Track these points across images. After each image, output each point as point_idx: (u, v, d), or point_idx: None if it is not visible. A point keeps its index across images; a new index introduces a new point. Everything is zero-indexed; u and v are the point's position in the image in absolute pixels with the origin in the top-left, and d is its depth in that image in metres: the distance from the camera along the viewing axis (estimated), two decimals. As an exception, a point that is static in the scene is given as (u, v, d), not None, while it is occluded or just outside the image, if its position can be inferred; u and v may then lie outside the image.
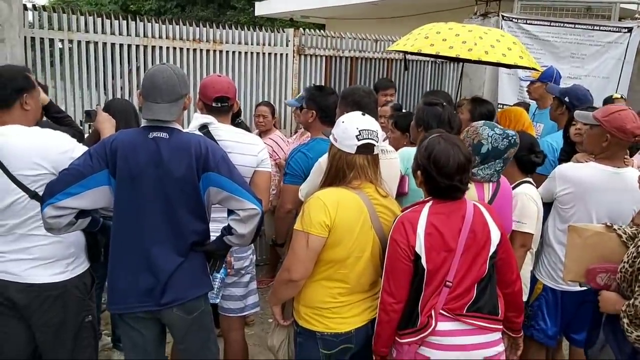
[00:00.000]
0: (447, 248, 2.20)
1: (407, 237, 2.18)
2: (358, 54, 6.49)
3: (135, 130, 2.46)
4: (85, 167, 2.26)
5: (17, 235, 2.42)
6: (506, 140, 2.69)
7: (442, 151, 2.21)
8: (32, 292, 2.43)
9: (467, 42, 4.06)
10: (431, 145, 2.25)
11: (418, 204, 2.29)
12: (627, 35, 6.13)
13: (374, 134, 2.30)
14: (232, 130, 3.00)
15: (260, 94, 5.82)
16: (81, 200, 2.24)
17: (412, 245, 2.17)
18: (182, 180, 2.30)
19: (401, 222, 2.22)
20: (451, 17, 5.42)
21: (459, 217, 2.23)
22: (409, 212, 2.26)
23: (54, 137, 2.49)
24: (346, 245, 2.26)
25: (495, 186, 2.75)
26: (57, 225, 2.26)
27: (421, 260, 2.18)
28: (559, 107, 4.00)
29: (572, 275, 2.54)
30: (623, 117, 2.82)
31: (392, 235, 2.22)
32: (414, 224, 2.19)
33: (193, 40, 5.33)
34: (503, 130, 2.73)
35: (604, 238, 2.44)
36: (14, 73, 2.53)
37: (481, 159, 2.70)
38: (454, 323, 2.21)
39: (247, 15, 16.36)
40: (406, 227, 2.20)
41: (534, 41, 6.38)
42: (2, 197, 2.38)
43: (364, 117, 2.35)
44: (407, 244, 2.18)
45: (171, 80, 2.33)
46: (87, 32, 4.78)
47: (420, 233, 2.18)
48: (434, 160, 2.20)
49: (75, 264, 2.54)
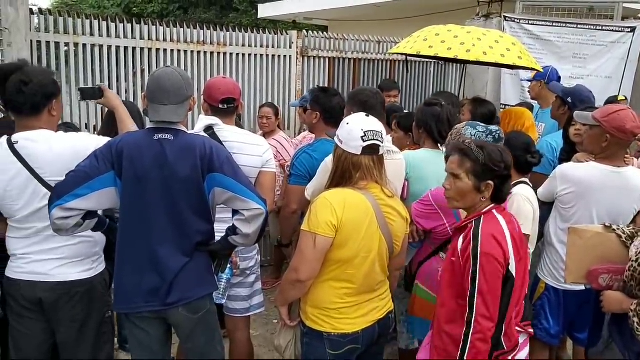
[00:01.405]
0: (524, 259, 2.20)
1: (503, 252, 2.10)
2: (361, 55, 6.52)
3: (140, 132, 2.50)
4: (92, 168, 2.28)
5: (43, 237, 2.47)
6: (490, 137, 2.70)
7: (505, 152, 2.25)
8: (61, 290, 2.50)
9: (465, 43, 4.13)
10: (495, 150, 2.22)
11: (483, 212, 2.21)
12: (630, 35, 6.13)
13: (378, 135, 2.31)
14: (237, 131, 3.03)
15: (264, 95, 5.85)
16: (88, 202, 2.27)
17: (508, 258, 2.11)
18: (187, 181, 2.32)
19: (492, 235, 2.11)
20: (453, 18, 5.45)
21: (515, 224, 2.24)
22: (487, 224, 2.16)
23: (81, 140, 2.53)
24: (353, 246, 2.27)
25: None
26: (64, 227, 2.29)
27: (510, 271, 2.12)
28: (561, 107, 4.02)
29: (574, 277, 2.56)
30: (622, 117, 2.83)
31: (487, 251, 2.08)
32: (503, 236, 2.12)
33: (197, 42, 5.37)
34: (485, 127, 2.74)
35: (603, 239, 2.46)
36: (44, 79, 2.52)
37: None
38: (523, 335, 2.28)
39: (249, 18, 16.38)
40: (500, 241, 2.10)
41: (536, 42, 6.38)
42: (32, 201, 2.43)
43: (367, 118, 2.37)
44: (504, 258, 2.09)
45: (177, 82, 2.37)
46: (92, 35, 4.82)
47: (510, 243, 2.12)
48: (506, 159, 2.21)
49: (99, 261, 2.63)
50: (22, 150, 2.42)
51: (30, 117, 2.48)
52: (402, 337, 3.37)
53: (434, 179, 3.07)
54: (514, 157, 3.04)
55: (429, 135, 3.16)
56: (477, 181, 2.18)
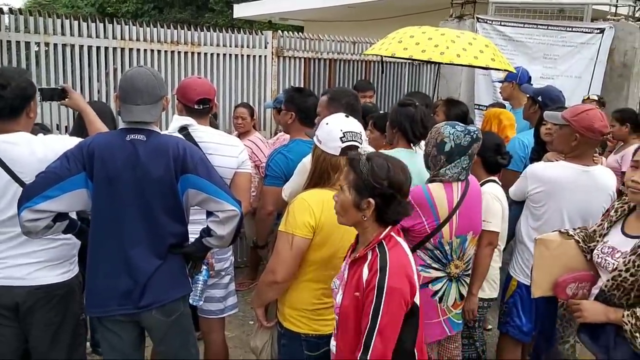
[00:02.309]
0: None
1: (411, 285, 1.89)
2: (336, 55, 6.54)
3: (112, 132, 2.47)
4: (62, 170, 2.24)
5: (22, 240, 2.42)
6: (468, 136, 2.73)
7: (397, 168, 1.92)
8: (38, 294, 2.46)
9: (439, 45, 4.20)
10: (381, 165, 1.90)
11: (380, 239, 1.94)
12: (599, 36, 6.26)
13: (357, 136, 2.31)
14: (212, 132, 3.01)
15: (239, 96, 5.83)
16: (58, 204, 2.23)
17: (415, 290, 1.91)
18: (160, 183, 2.30)
19: (400, 267, 1.87)
20: (428, 19, 5.50)
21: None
22: (394, 253, 1.91)
23: (64, 144, 2.46)
24: (331, 247, 2.27)
25: (464, 185, 2.79)
26: (34, 229, 2.25)
27: (416, 304, 1.93)
28: (532, 107, 4.10)
29: (542, 291, 2.53)
30: (591, 117, 2.89)
31: (394, 285, 1.83)
32: (409, 267, 1.92)
33: (171, 42, 5.33)
34: (464, 127, 2.78)
35: (566, 247, 2.47)
36: (22, 81, 2.47)
37: (446, 157, 2.73)
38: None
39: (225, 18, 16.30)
40: (408, 273, 1.89)
41: (508, 42, 6.48)
42: (12, 205, 2.35)
43: (347, 119, 2.37)
44: (411, 293, 1.88)
45: (150, 81, 2.35)
46: (64, 34, 4.76)
47: (415, 275, 1.94)
48: (393, 180, 1.89)
49: (75, 263, 2.61)
50: (2, 153, 2.37)
51: (10, 120, 2.43)
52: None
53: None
54: (485, 157, 3.11)
55: (403, 135, 3.19)
56: (358, 197, 1.91)
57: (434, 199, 2.72)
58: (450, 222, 2.73)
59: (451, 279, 2.85)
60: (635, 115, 4.91)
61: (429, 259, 2.79)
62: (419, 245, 2.79)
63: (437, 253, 2.78)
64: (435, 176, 2.78)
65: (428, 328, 2.82)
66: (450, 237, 2.76)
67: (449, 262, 2.81)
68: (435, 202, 2.71)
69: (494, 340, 3.63)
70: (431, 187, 2.75)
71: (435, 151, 2.75)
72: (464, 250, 2.83)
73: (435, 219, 2.73)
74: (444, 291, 2.84)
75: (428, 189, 2.74)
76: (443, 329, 2.88)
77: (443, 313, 2.86)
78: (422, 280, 2.79)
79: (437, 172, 2.77)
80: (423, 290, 2.78)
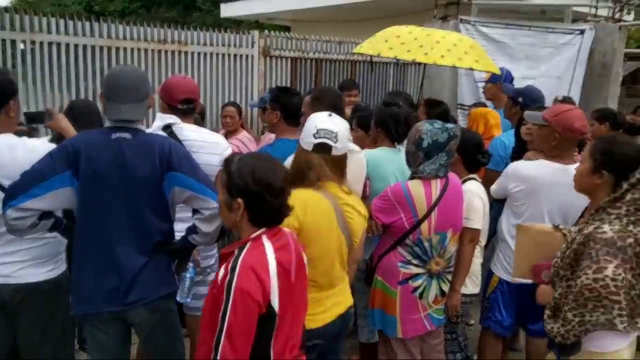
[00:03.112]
0: (298, 288, 1.97)
1: (261, 287, 1.80)
2: (323, 55, 6.59)
3: (97, 131, 2.45)
4: (47, 168, 2.24)
5: (7, 239, 2.42)
6: (446, 133, 2.78)
7: (265, 167, 1.88)
8: (25, 291, 2.46)
9: (424, 46, 4.27)
10: (248, 164, 1.88)
11: (250, 239, 1.90)
12: (580, 37, 6.36)
13: (332, 135, 2.31)
14: (197, 130, 3.02)
15: (226, 95, 5.86)
16: (43, 202, 2.22)
17: (268, 292, 1.83)
18: (146, 181, 2.31)
19: (249, 268, 1.80)
20: (412, 19, 5.56)
21: (294, 248, 1.99)
22: (249, 254, 1.85)
23: (43, 147, 2.45)
24: (315, 246, 2.29)
25: (443, 182, 2.84)
26: (19, 227, 2.24)
27: (272, 307, 1.85)
28: (513, 107, 4.14)
29: (520, 273, 2.63)
30: (571, 117, 2.95)
31: (242, 286, 1.77)
32: (265, 267, 1.84)
33: (158, 41, 5.34)
34: (442, 124, 2.83)
35: (550, 237, 2.53)
36: (1, 79, 2.45)
37: (424, 154, 2.78)
38: None
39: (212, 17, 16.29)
40: (259, 274, 1.81)
41: (490, 43, 6.55)
42: None
43: (329, 117, 2.38)
44: (261, 294, 1.80)
45: (136, 79, 2.37)
46: (50, 33, 4.76)
47: (274, 278, 1.85)
48: (260, 179, 1.85)
49: (62, 260, 2.61)
50: None
51: None
52: (362, 331, 3.44)
53: (393, 177, 3.16)
54: (465, 155, 3.16)
55: (387, 135, 3.24)
56: (229, 197, 1.89)
57: (413, 196, 2.77)
58: (429, 218, 2.78)
59: (432, 276, 2.89)
60: (614, 114, 5.00)
61: (409, 255, 2.84)
62: (398, 241, 2.84)
63: (416, 249, 2.83)
64: (415, 173, 2.84)
65: (409, 323, 2.89)
66: (428, 234, 2.81)
67: (430, 259, 2.85)
68: (414, 199, 2.77)
69: (476, 335, 3.69)
70: (410, 184, 2.81)
71: (413, 148, 2.81)
72: (444, 248, 2.88)
73: (413, 215, 2.78)
74: (424, 287, 2.88)
75: (407, 186, 2.80)
76: (423, 324, 2.93)
77: (424, 309, 2.91)
78: (402, 276, 2.86)
79: (417, 169, 2.82)
80: (403, 286, 2.86)
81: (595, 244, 2.12)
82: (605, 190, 2.23)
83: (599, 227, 2.16)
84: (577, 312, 2.14)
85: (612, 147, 2.24)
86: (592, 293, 2.09)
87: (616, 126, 4.92)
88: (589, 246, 2.14)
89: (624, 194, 2.18)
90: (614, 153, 2.21)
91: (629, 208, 2.16)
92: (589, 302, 2.10)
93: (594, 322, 2.11)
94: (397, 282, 2.86)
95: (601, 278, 2.07)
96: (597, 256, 2.10)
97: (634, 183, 2.17)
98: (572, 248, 2.23)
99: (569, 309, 2.17)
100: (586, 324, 2.13)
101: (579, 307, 2.13)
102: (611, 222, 2.16)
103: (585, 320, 2.13)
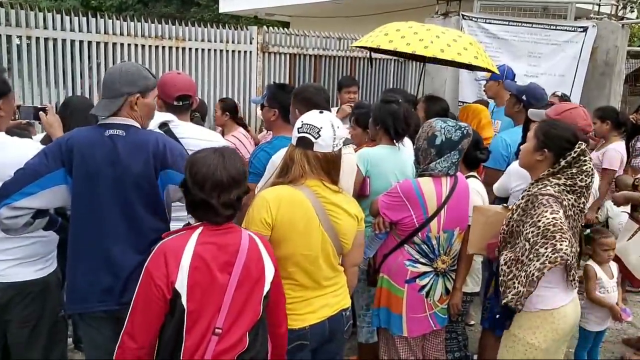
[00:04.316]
0: (217, 286, 1.90)
1: (166, 271, 1.84)
2: (322, 52, 6.55)
3: (90, 128, 2.40)
4: (41, 166, 2.22)
5: None
6: (459, 132, 2.77)
7: (201, 159, 1.92)
8: (13, 290, 2.44)
9: (424, 39, 4.25)
10: (195, 157, 1.95)
11: (187, 228, 1.99)
12: (582, 35, 6.30)
13: (314, 130, 2.25)
14: (193, 128, 2.99)
15: (224, 91, 5.81)
16: (38, 200, 2.19)
17: (172, 281, 1.84)
18: (140, 178, 2.28)
19: (162, 251, 1.88)
20: (413, 16, 5.51)
21: (232, 249, 1.95)
22: (173, 238, 1.94)
23: (34, 147, 2.42)
24: (291, 243, 2.25)
25: (453, 181, 2.82)
26: (14, 226, 2.21)
27: (180, 300, 1.85)
28: (515, 105, 4.08)
29: (475, 249, 2.80)
30: (574, 115, 2.93)
31: (148, 266, 1.87)
32: (177, 254, 1.86)
33: (155, 37, 5.30)
34: (456, 122, 2.82)
35: (501, 217, 2.65)
36: None
37: (436, 151, 2.76)
38: None
39: (211, 12, 16.23)
40: (167, 258, 1.85)
41: (492, 40, 6.51)
42: None
43: (319, 114, 2.33)
44: (165, 279, 1.84)
45: (114, 76, 2.32)
46: (46, 28, 4.72)
47: (185, 266, 1.86)
48: (190, 168, 1.92)
49: (52, 259, 2.58)
50: None
51: None
52: (361, 332, 3.41)
53: (393, 174, 3.13)
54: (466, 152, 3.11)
55: (386, 132, 3.20)
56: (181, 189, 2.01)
57: (423, 193, 2.74)
58: (439, 216, 2.77)
59: (438, 274, 2.87)
60: (616, 113, 4.97)
61: (417, 253, 2.82)
62: (407, 239, 2.81)
63: (424, 247, 2.81)
64: (425, 170, 2.81)
65: (414, 322, 2.87)
66: (438, 232, 2.78)
67: (437, 258, 2.84)
68: (425, 196, 2.74)
69: (476, 336, 3.66)
70: (420, 181, 2.78)
71: (425, 144, 2.78)
72: (450, 246, 2.86)
73: (423, 212, 2.75)
74: (430, 286, 2.87)
75: (417, 183, 2.77)
76: (429, 323, 2.91)
77: (429, 308, 2.89)
78: (409, 275, 2.84)
79: (427, 166, 2.80)
80: (411, 285, 2.84)
81: (543, 196, 2.40)
82: (545, 167, 2.51)
83: (543, 187, 2.44)
84: (548, 244, 2.30)
85: (553, 130, 2.52)
86: (556, 227, 2.30)
87: (618, 124, 4.89)
88: (538, 199, 2.40)
89: (562, 169, 2.47)
90: (554, 135, 2.49)
91: (566, 180, 2.46)
92: (556, 234, 2.30)
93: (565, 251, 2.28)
94: (404, 280, 2.84)
95: (558, 217, 2.33)
96: (549, 203, 2.37)
97: (570, 161, 2.46)
98: (518, 210, 2.50)
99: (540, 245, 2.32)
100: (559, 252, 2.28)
101: (548, 240, 2.31)
102: (552, 187, 2.45)
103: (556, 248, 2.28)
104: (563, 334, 2.54)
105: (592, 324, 3.70)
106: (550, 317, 2.48)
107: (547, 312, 2.46)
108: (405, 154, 3.25)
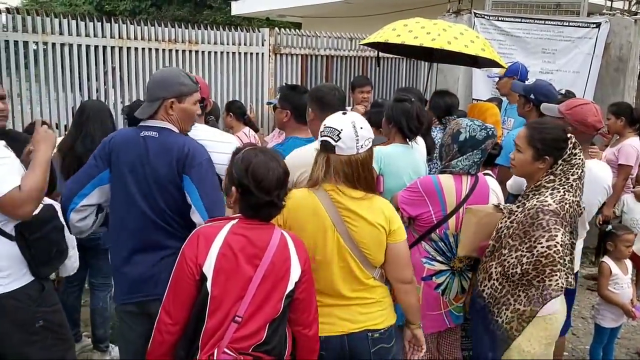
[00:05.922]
0: (241, 276, 1.96)
1: (196, 253, 1.96)
2: (333, 52, 6.56)
3: (131, 128, 2.57)
4: (92, 168, 2.45)
5: None
6: (484, 132, 2.78)
7: (261, 164, 1.98)
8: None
9: (431, 32, 4.41)
10: (248, 158, 2.01)
11: (224, 219, 2.08)
12: (596, 31, 6.26)
13: (334, 133, 2.18)
14: (208, 130, 3.02)
15: (237, 93, 5.85)
16: (95, 197, 2.44)
17: (200, 263, 1.95)
18: (165, 179, 2.38)
19: (197, 234, 2.01)
20: (425, 14, 5.51)
21: (262, 243, 1.99)
22: (209, 225, 2.06)
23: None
24: None
25: (473, 180, 2.82)
26: (85, 228, 2.46)
27: (206, 283, 1.94)
28: (525, 104, 3.98)
29: (466, 251, 2.75)
30: (585, 111, 2.92)
31: (184, 247, 2.01)
32: (209, 239, 1.97)
33: (168, 41, 5.35)
34: (482, 122, 2.83)
35: (492, 218, 2.64)
36: None
37: (459, 148, 2.77)
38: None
39: (223, 15, 16.29)
40: (200, 242, 1.98)
41: (506, 37, 6.49)
42: None
43: (341, 116, 2.26)
44: (195, 260, 1.96)
45: (152, 82, 2.51)
46: (62, 34, 4.78)
47: (214, 251, 1.95)
48: (253, 173, 1.97)
49: (10, 278, 2.39)
50: None
51: None
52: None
53: (406, 173, 3.13)
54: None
55: (399, 131, 3.20)
56: (228, 184, 2.05)
57: (443, 189, 2.75)
58: (457, 214, 2.77)
59: (454, 273, 2.88)
60: (630, 109, 4.93)
61: (433, 251, 2.83)
62: (424, 235, 2.82)
63: (441, 245, 2.82)
64: (446, 167, 2.82)
65: (429, 319, 2.86)
66: (456, 229, 2.78)
67: (454, 256, 2.84)
68: (444, 192, 2.75)
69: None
70: (441, 178, 2.79)
71: (450, 140, 2.81)
72: None
73: (442, 209, 2.76)
74: (447, 284, 2.87)
75: (438, 179, 2.78)
76: (443, 321, 2.92)
77: (445, 306, 2.89)
78: (426, 272, 2.85)
79: (448, 163, 2.81)
80: (427, 283, 2.84)
81: (545, 215, 2.38)
82: (544, 171, 2.53)
83: (544, 201, 2.43)
84: (539, 278, 2.37)
85: (547, 135, 2.52)
86: (548, 259, 2.34)
87: (632, 120, 4.85)
88: (538, 217, 2.39)
89: (558, 168, 2.50)
90: (550, 139, 2.51)
91: (560, 179, 2.48)
92: (547, 267, 2.35)
93: (554, 287, 2.35)
94: (421, 277, 2.84)
95: (553, 245, 2.33)
96: (548, 225, 2.36)
97: (567, 158, 2.50)
98: (516, 221, 2.49)
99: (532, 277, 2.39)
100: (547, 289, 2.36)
101: (538, 275, 2.37)
102: (552, 194, 2.45)
103: (546, 285, 2.36)
104: (554, 336, 2.59)
105: (608, 320, 3.69)
106: (543, 323, 2.51)
107: (540, 318, 2.47)
108: (418, 152, 3.26)
